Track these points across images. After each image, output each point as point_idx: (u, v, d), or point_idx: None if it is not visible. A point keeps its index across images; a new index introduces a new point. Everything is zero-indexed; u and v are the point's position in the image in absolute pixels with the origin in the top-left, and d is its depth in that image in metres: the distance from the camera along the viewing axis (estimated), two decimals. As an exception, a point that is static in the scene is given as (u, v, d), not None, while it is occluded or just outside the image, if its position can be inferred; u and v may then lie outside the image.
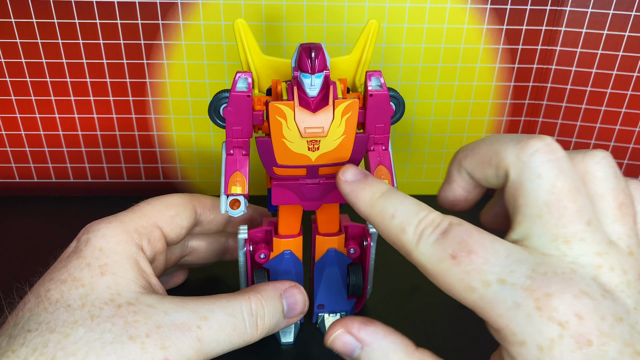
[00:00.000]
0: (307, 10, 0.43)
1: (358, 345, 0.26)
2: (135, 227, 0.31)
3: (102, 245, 0.29)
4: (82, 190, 0.50)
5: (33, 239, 0.45)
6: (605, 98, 0.47)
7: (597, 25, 0.44)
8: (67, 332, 0.25)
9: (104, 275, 0.28)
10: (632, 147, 0.48)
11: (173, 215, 0.33)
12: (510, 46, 0.45)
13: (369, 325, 0.26)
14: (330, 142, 0.29)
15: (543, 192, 0.23)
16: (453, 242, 0.23)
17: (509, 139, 0.25)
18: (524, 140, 0.24)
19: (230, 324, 0.28)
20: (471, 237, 0.23)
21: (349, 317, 0.27)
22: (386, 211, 0.25)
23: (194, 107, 0.47)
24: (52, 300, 0.27)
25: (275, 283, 0.31)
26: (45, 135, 0.48)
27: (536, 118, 0.49)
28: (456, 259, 0.23)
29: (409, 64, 0.46)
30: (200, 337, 0.27)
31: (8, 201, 0.50)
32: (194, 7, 0.43)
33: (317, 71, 0.27)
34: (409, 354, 0.25)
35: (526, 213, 0.23)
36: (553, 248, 0.23)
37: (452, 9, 0.43)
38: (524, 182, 0.23)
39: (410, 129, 0.49)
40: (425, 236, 0.24)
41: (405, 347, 0.25)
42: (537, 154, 0.23)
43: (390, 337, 0.26)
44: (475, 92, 0.47)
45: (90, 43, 0.44)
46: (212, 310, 0.28)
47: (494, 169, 0.25)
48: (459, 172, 0.27)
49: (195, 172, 0.50)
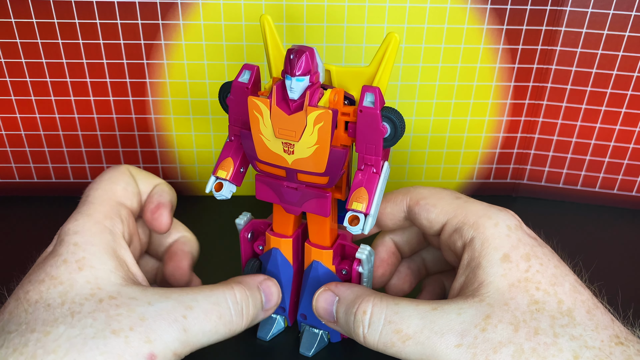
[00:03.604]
0: (307, 11, 0.43)
1: (334, 299, 0.30)
2: (104, 214, 0.30)
3: (76, 241, 0.29)
4: (82, 190, 0.50)
5: (33, 239, 0.45)
6: (605, 98, 0.47)
7: (597, 25, 0.44)
8: (47, 330, 0.25)
9: (82, 270, 0.27)
10: (632, 147, 0.48)
11: (124, 187, 0.33)
12: (510, 46, 0.45)
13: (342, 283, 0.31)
14: (304, 149, 0.28)
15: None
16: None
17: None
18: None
19: (216, 312, 0.28)
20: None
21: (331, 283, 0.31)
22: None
23: (194, 107, 0.47)
24: (32, 301, 0.26)
25: (252, 276, 0.32)
26: (45, 135, 0.48)
27: (536, 118, 0.49)
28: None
29: (409, 64, 0.45)
30: (186, 327, 0.26)
31: (8, 201, 0.50)
32: (194, 7, 0.43)
33: (297, 74, 0.26)
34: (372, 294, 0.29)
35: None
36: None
37: (452, 9, 0.43)
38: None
39: (410, 129, 0.49)
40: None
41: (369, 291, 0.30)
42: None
43: (355, 286, 0.31)
44: (475, 92, 0.47)
45: (90, 43, 0.44)
46: (196, 300, 0.28)
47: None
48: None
49: (195, 172, 0.50)
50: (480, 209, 0.31)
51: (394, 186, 0.51)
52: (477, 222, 0.30)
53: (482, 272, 0.28)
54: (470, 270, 0.29)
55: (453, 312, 0.27)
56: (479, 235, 0.29)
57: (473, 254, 0.29)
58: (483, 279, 0.28)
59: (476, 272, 0.29)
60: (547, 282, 0.28)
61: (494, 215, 0.30)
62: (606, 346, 0.25)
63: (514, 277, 0.28)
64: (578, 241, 0.46)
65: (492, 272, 0.28)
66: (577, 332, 0.26)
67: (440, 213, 0.32)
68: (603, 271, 0.38)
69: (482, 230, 0.29)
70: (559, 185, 0.51)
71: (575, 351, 0.25)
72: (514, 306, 0.27)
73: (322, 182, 0.29)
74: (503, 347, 0.25)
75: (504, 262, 0.28)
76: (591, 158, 0.49)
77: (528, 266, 0.28)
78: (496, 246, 0.29)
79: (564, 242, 0.36)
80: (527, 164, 0.51)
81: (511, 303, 0.27)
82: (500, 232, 0.29)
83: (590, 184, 0.51)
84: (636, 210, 0.51)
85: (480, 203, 0.31)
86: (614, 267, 0.43)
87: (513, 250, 0.29)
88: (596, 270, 0.35)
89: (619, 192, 0.51)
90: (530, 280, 0.28)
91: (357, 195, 0.29)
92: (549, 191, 0.52)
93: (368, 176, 0.29)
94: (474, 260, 0.29)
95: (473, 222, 0.30)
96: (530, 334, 0.26)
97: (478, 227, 0.30)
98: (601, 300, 0.29)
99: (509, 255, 0.28)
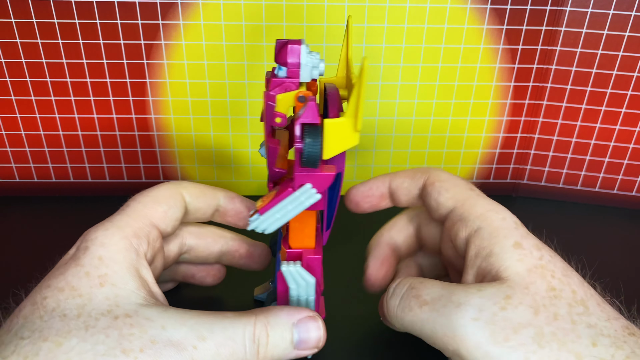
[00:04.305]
0: (307, 11, 0.43)
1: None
2: (134, 232, 0.30)
3: (101, 254, 0.28)
4: (82, 190, 0.50)
5: (33, 239, 0.45)
6: (605, 98, 0.47)
7: (597, 25, 0.44)
8: (59, 341, 0.24)
9: (103, 286, 0.27)
10: (632, 147, 0.48)
11: (165, 210, 0.32)
12: (510, 46, 0.45)
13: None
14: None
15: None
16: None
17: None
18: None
19: (229, 348, 0.26)
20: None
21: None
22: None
23: (194, 107, 0.47)
24: (49, 308, 0.26)
25: (290, 310, 0.29)
26: (45, 135, 0.48)
27: (536, 118, 0.49)
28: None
29: (408, 64, 0.46)
30: (194, 358, 0.26)
31: (8, 201, 0.50)
32: (194, 7, 0.43)
33: (279, 63, 0.28)
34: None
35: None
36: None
37: (452, 9, 0.43)
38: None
39: (410, 129, 0.49)
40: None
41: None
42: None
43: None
44: (475, 92, 0.47)
45: (91, 43, 0.44)
46: (211, 331, 0.26)
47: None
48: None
49: (196, 172, 0.50)
50: (488, 203, 0.31)
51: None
52: (484, 214, 0.30)
53: (497, 259, 0.28)
54: (482, 260, 0.29)
55: (474, 288, 0.27)
56: (486, 227, 0.30)
57: (482, 243, 0.29)
58: (500, 265, 0.28)
59: (489, 260, 0.29)
60: (560, 272, 0.28)
61: (501, 210, 0.31)
62: (620, 335, 0.26)
63: (530, 263, 0.28)
64: (578, 241, 0.46)
65: (507, 257, 0.28)
66: (593, 320, 0.26)
67: (450, 198, 0.32)
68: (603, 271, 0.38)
69: (490, 222, 0.30)
70: (559, 185, 0.51)
71: (593, 338, 0.25)
72: (534, 290, 0.27)
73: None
74: (523, 329, 0.25)
75: (517, 249, 0.28)
76: (591, 158, 0.49)
77: (540, 255, 0.29)
78: (506, 235, 0.29)
79: (564, 242, 0.36)
80: (527, 164, 0.51)
81: (531, 287, 0.27)
82: (508, 224, 0.30)
83: (590, 184, 0.51)
84: (636, 210, 0.51)
85: (488, 200, 0.32)
86: (614, 267, 0.43)
87: (523, 240, 0.29)
88: (597, 270, 0.35)
89: (618, 192, 0.51)
90: (545, 267, 0.28)
91: (267, 196, 0.29)
92: (549, 191, 0.52)
93: (285, 189, 0.29)
94: (484, 250, 0.29)
95: (480, 214, 0.30)
96: (550, 319, 0.26)
97: (485, 219, 0.30)
98: (607, 296, 0.29)
99: (520, 243, 0.29)
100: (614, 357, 0.25)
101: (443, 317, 0.27)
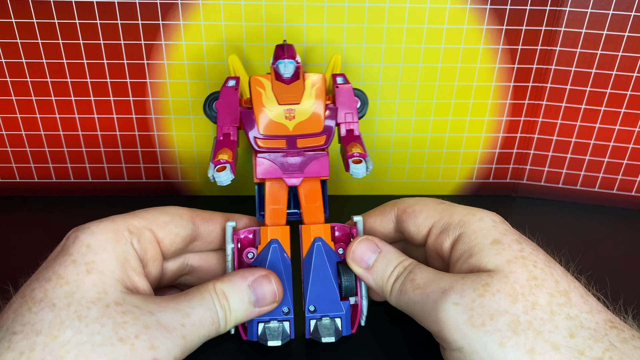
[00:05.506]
0: (307, 11, 0.43)
1: (377, 250, 0.33)
2: (127, 226, 0.30)
3: (89, 242, 0.28)
4: (83, 190, 0.51)
5: (34, 239, 0.45)
6: (605, 98, 0.47)
7: (597, 25, 0.44)
8: (54, 334, 0.24)
9: (90, 273, 0.27)
10: (631, 147, 0.48)
11: (167, 221, 0.33)
12: (510, 46, 0.45)
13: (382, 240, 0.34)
14: (304, 111, 0.34)
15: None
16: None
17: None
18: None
19: (209, 318, 0.29)
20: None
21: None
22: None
23: (194, 107, 0.47)
24: (36, 299, 0.26)
25: (244, 272, 0.31)
26: (45, 135, 0.48)
27: (536, 118, 0.49)
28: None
29: (409, 64, 0.46)
30: (184, 334, 0.27)
31: (8, 201, 0.50)
32: (194, 7, 0.43)
33: (287, 57, 0.32)
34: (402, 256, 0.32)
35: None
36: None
37: (452, 9, 0.43)
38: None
39: (410, 129, 0.49)
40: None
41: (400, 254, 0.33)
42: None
43: (392, 247, 0.33)
44: (475, 92, 0.47)
45: (91, 43, 0.44)
46: (192, 307, 0.28)
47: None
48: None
49: (196, 172, 0.50)
50: (463, 209, 0.33)
51: (395, 185, 0.52)
52: (462, 220, 0.31)
53: (476, 258, 0.29)
54: (463, 262, 0.30)
55: (459, 276, 0.29)
56: (466, 231, 0.31)
57: (463, 247, 0.30)
58: (479, 262, 0.29)
59: (470, 262, 0.30)
60: (542, 263, 0.29)
61: (478, 212, 0.32)
62: (601, 328, 0.26)
63: (510, 255, 0.29)
64: (578, 241, 0.46)
65: (485, 254, 0.29)
66: (574, 312, 0.27)
67: (426, 217, 0.33)
68: (603, 271, 0.38)
69: (468, 226, 0.31)
70: (558, 185, 0.51)
71: (571, 330, 0.26)
72: (513, 279, 0.28)
73: (320, 142, 0.34)
74: (499, 316, 0.26)
75: (495, 245, 0.29)
76: (591, 158, 0.50)
77: (521, 248, 0.29)
78: (485, 235, 0.30)
79: (564, 242, 0.36)
80: (526, 164, 0.51)
81: (510, 276, 0.28)
82: (486, 224, 0.31)
83: (590, 184, 0.51)
84: (636, 210, 0.51)
85: (463, 206, 0.33)
86: (613, 267, 0.43)
87: (502, 236, 0.30)
88: (596, 270, 0.35)
89: (618, 192, 0.51)
90: (526, 258, 0.29)
91: (352, 145, 0.34)
92: (549, 191, 0.52)
93: (353, 137, 0.35)
94: (465, 253, 0.30)
95: (459, 221, 0.31)
96: (527, 308, 0.27)
97: (464, 224, 0.31)
98: (593, 291, 0.29)
99: (499, 239, 0.30)
100: (592, 348, 0.25)
101: (430, 301, 0.28)
